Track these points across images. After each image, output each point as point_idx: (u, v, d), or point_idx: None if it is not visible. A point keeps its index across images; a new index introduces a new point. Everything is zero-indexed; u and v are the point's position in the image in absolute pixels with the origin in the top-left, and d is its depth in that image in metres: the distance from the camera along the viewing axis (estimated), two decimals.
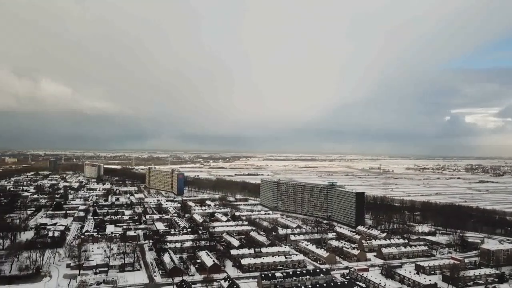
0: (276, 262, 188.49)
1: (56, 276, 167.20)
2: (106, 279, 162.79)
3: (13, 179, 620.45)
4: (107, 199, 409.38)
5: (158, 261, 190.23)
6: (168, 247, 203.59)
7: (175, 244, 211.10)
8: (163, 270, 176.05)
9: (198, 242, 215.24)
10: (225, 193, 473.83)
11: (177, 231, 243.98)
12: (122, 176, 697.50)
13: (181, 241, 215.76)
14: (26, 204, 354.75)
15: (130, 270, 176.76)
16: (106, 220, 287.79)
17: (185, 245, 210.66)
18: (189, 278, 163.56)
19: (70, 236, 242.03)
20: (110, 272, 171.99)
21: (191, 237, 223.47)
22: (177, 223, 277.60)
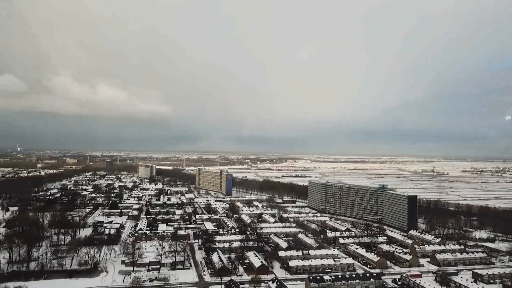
0: (325, 265, 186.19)
1: (112, 272, 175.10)
2: (158, 276, 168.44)
3: (73, 179, 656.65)
4: (159, 199, 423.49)
5: (207, 260, 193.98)
6: (217, 247, 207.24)
7: (223, 244, 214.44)
8: (212, 269, 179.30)
9: (246, 242, 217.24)
10: (272, 194, 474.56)
11: (225, 231, 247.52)
12: (173, 177, 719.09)
13: (229, 241, 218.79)
14: (85, 203, 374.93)
15: (180, 268, 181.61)
16: (158, 219, 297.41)
17: (233, 245, 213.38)
18: (237, 278, 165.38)
19: (124, 234, 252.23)
20: (162, 270, 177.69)
21: (239, 238, 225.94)
22: (225, 223, 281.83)
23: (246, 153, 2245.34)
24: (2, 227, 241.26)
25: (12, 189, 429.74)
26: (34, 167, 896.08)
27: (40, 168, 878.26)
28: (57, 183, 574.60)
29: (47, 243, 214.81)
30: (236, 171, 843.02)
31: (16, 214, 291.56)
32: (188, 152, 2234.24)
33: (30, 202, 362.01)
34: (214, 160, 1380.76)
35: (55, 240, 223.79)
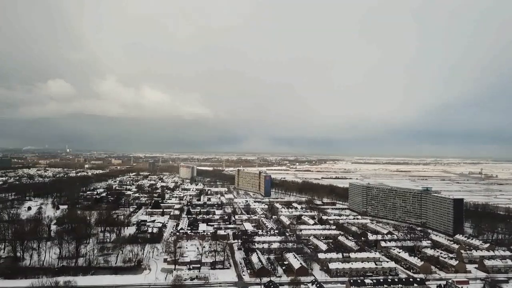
0: (366, 268, 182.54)
1: (155, 270, 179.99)
2: (198, 275, 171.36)
3: (118, 179, 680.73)
4: (199, 199, 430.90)
5: (247, 260, 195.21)
6: (256, 248, 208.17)
7: (262, 244, 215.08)
8: (251, 270, 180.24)
9: (285, 244, 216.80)
10: (311, 196, 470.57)
11: (264, 232, 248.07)
12: (213, 177, 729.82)
13: (268, 242, 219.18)
14: (129, 202, 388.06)
15: (220, 268, 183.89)
16: (199, 219, 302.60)
17: (272, 246, 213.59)
18: (276, 279, 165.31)
19: (166, 233, 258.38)
20: (202, 269, 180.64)
21: (278, 239, 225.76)
22: (264, 224, 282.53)
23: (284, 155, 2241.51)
24: (53, 224, 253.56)
25: (62, 188, 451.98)
26: (82, 167, 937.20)
27: (87, 168, 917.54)
28: (103, 183, 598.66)
29: (94, 240, 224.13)
30: (275, 172, 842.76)
31: (65, 212, 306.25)
32: (227, 153, 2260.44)
33: (79, 201, 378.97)
34: (253, 161, 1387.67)
35: (101, 237, 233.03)
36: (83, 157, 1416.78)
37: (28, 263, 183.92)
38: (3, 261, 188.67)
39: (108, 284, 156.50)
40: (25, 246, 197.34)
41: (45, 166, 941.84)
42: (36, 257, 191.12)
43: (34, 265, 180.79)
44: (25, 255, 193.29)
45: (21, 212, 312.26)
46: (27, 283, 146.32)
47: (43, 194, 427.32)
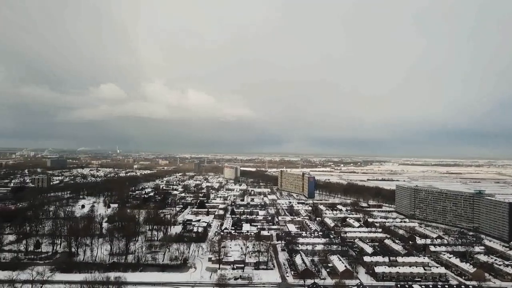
0: (414, 273, 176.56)
1: (200, 268, 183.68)
2: (242, 275, 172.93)
3: (165, 179, 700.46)
4: (243, 199, 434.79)
5: (290, 262, 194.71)
6: (299, 249, 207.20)
7: (306, 246, 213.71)
8: (294, 271, 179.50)
9: (329, 246, 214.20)
10: (357, 198, 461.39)
11: (308, 234, 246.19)
12: (256, 178, 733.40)
13: (312, 244, 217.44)
14: (175, 202, 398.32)
15: (264, 269, 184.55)
16: (242, 219, 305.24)
17: (316, 248, 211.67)
18: (320, 282, 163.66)
19: (211, 232, 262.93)
20: (246, 269, 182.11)
21: (323, 241, 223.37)
22: (308, 225, 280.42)
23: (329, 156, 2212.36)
24: (104, 222, 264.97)
25: (113, 187, 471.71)
26: (131, 167, 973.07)
27: (136, 168, 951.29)
28: (151, 182, 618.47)
29: (142, 238, 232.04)
30: (319, 173, 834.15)
31: (116, 210, 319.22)
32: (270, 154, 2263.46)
33: (128, 200, 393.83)
34: (296, 162, 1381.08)
35: (149, 235, 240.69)
36: (132, 157, 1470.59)
37: (81, 258, 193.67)
38: (60, 256, 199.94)
39: (156, 281, 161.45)
40: (79, 242, 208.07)
41: (97, 166, 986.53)
42: (89, 253, 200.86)
43: (87, 261, 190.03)
44: (79, 250, 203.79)
45: (75, 210, 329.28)
46: (81, 277, 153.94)
47: (96, 193, 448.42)
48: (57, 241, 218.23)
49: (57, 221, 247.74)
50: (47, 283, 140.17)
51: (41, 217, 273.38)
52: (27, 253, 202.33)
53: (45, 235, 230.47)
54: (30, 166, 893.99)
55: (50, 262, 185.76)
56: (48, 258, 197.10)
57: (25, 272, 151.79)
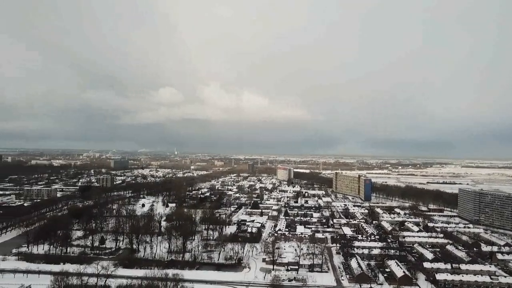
0: (479, 282, 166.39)
1: (254, 268, 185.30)
2: (296, 276, 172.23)
3: (220, 180, 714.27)
4: (297, 201, 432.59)
5: (345, 265, 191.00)
6: (355, 253, 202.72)
7: (362, 250, 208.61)
8: (350, 275, 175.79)
9: (387, 250, 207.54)
10: (415, 201, 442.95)
11: (364, 237, 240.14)
12: (310, 180, 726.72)
13: (368, 247, 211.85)
14: (230, 202, 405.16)
15: (318, 271, 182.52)
16: (296, 221, 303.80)
17: (373, 252, 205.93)
18: (377, 287, 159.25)
19: (265, 233, 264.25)
20: (300, 271, 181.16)
21: (379, 245, 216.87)
22: (364, 229, 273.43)
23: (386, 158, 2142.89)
24: (163, 220, 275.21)
25: (171, 187, 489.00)
26: (188, 168, 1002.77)
27: (193, 169, 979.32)
28: (207, 183, 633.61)
29: (198, 237, 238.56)
30: (375, 176, 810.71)
31: (174, 210, 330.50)
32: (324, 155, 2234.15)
33: (185, 200, 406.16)
34: (352, 164, 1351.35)
35: (205, 235, 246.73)
36: (189, 159, 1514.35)
37: (142, 255, 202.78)
38: (122, 252, 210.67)
39: (212, 279, 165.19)
40: (140, 240, 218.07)
41: (157, 167, 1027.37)
42: (148, 250, 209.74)
43: (147, 257, 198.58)
44: (139, 247, 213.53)
45: (136, 208, 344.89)
46: (142, 273, 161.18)
47: (155, 193, 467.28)
48: (119, 238, 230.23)
49: (120, 219, 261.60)
50: (111, 277, 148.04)
51: (105, 215, 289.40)
52: (93, 248, 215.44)
53: (109, 231, 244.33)
54: (96, 166, 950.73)
55: (113, 258, 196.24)
56: (112, 253, 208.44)
57: (91, 266, 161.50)
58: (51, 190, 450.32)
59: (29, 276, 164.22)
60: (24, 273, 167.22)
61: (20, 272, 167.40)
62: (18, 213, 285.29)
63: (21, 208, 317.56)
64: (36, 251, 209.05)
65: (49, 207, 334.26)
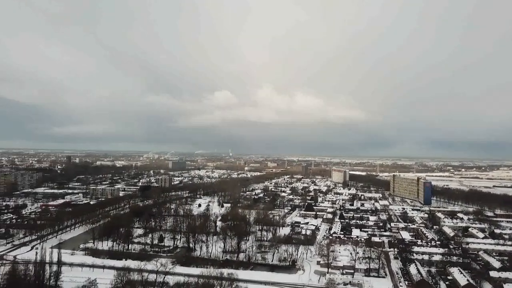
0: None
1: (308, 271, 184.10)
2: (352, 281, 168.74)
3: (274, 181, 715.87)
4: (352, 204, 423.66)
5: (404, 271, 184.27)
6: (414, 258, 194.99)
7: (422, 256, 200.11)
8: (409, 281, 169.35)
9: (448, 257, 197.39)
10: (480, 206, 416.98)
11: (424, 243, 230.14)
12: (366, 182, 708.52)
13: (429, 253, 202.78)
14: (283, 203, 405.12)
15: (375, 276, 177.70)
16: (352, 224, 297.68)
17: (433, 259, 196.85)
18: None
19: (319, 235, 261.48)
20: (356, 275, 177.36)
21: (441, 251, 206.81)
22: (424, 234, 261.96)
23: (447, 159, 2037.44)
24: (218, 220, 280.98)
25: (226, 188, 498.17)
26: (242, 169, 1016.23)
27: (247, 170, 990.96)
28: (260, 184, 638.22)
29: (252, 238, 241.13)
30: (436, 178, 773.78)
31: (228, 210, 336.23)
32: (381, 157, 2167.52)
33: (240, 200, 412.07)
34: (410, 166, 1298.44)
35: (259, 235, 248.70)
36: (243, 160, 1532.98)
37: (198, 254, 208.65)
38: (180, 250, 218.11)
39: (266, 280, 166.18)
40: (196, 239, 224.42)
41: (212, 168, 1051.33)
42: (204, 249, 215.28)
43: (203, 256, 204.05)
44: (196, 246, 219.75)
45: (193, 208, 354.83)
46: (198, 271, 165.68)
47: (211, 193, 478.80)
48: (177, 237, 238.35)
49: (177, 218, 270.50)
50: (169, 274, 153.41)
51: (164, 214, 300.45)
52: (153, 246, 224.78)
53: (167, 230, 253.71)
54: (155, 167, 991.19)
55: (171, 256, 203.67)
56: (170, 251, 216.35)
57: (151, 263, 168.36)
58: (114, 189, 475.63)
59: (95, 270, 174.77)
60: (90, 267, 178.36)
61: (86, 266, 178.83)
62: (84, 211, 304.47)
63: (88, 206, 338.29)
64: (100, 247, 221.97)
65: (112, 206, 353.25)
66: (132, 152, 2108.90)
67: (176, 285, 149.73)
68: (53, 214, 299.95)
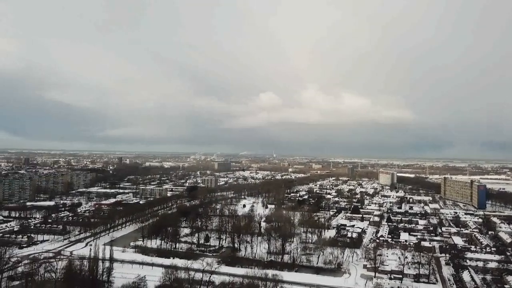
0: None
1: (354, 275, 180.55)
2: (400, 286, 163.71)
3: (318, 183, 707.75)
4: (400, 207, 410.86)
5: (456, 278, 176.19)
6: (468, 265, 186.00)
7: (476, 262, 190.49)
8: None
9: (506, 264, 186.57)
10: None
11: (478, 249, 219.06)
12: (415, 185, 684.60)
13: (483, 260, 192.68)
14: (329, 206, 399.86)
15: (425, 282, 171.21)
16: (400, 227, 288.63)
17: (488, 266, 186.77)
18: None
19: (366, 239, 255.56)
20: (404, 280, 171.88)
21: (497, 258, 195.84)
22: (478, 239, 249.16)
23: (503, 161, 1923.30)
24: (262, 221, 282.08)
25: (270, 189, 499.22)
26: (286, 171, 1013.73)
27: (291, 172, 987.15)
28: (304, 186, 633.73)
29: (297, 240, 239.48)
30: (491, 181, 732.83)
31: (273, 211, 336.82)
32: (431, 159, 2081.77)
33: (284, 202, 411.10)
34: (463, 169, 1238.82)
35: (304, 237, 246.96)
36: (287, 161, 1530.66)
37: (243, 254, 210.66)
38: (225, 250, 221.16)
39: (310, 283, 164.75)
40: (241, 239, 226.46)
41: (256, 169, 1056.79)
42: (249, 249, 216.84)
43: (248, 257, 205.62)
44: (241, 246, 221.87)
45: (237, 208, 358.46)
46: (243, 271, 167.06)
47: (255, 194, 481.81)
48: (222, 236, 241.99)
49: (223, 218, 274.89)
50: (215, 274, 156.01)
51: (210, 214, 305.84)
52: (199, 245, 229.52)
53: (213, 230, 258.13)
54: (201, 168, 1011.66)
55: (217, 255, 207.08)
56: (215, 251, 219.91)
57: (197, 262, 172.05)
58: (162, 189, 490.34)
59: (144, 267, 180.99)
60: (139, 264, 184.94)
61: (136, 263, 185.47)
62: (134, 210, 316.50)
63: (137, 206, 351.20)
64: (149, 245, 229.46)
65: (161, 205, 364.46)
66: (180, 153, 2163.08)
67: (222, 284, 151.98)
68: (105, 212, 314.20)
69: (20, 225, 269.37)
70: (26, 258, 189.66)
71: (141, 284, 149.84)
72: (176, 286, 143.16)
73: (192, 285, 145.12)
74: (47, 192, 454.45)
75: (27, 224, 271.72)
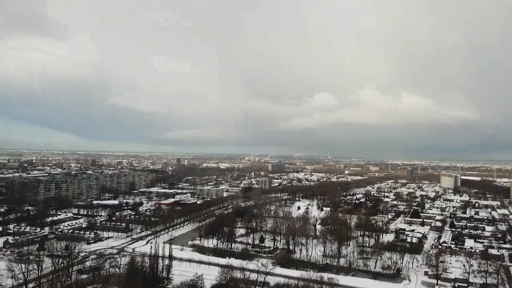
0: None
1: (415, 281, 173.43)
2: None
3: (376, 186, 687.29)
4: (465, 212, 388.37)
5: None
6: None
7: None
8: None
9: None
10: None
11: None
12: (481, 189, 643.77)
13: None
14: (387, 209, 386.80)
15: None
16: (464, 233, 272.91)
17: None
18: None
19: (427, 244, 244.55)
20: None
21: None
22: None
23: None
24: (318, 224, 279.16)
25: (325, 191, 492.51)
26: (342, 173, 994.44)
27: (347, 174, 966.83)
28: (361, 188, 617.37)
29: (353, 243, 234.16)
30: None
31: (328, 214, 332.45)
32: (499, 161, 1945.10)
33: (339, 204, 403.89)
34: None
35: (360, 241, 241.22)
36: (343, 163, 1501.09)
37: (298, 256, 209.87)
38: (280, 252, 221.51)
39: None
40: (296, 241, 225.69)
41: (311, 171, 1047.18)
42: (304, 251, 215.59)
43: (303, 259, 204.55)
44: (295, 248, 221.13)
45: (292, 210, 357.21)
46: (297, 273, 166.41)
47: (310, 196, 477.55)
48: (277, 238, 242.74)
49: (277, 220, 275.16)
50: (270, 275, 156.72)
51: (264, 215, 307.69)
52: (254, 246, 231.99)
53: (267, 231, 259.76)
54: (256, 169, 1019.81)
55: (272, 256, 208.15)
56: (270, 252, 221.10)
57: (252, 262, 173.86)
58: (218, 190, 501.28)
59: (201, 266, 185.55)
60: (197, 263, 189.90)
61: (194, 262, 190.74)
62: (192, 210, 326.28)
63: (195, 206, 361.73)
64: (206, 244, 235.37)
65: (217, 206, 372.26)
66: (235, 154, 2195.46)
67: (276, 285, 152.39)
68: (165, 212, 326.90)
69: (88, 222, 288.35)
70: (93, 254, 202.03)
71: (199, 282, 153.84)
72: (232, 285, 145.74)
73: (247, 285, 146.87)
74: (111, 191, 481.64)
75: (93, 221, 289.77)
